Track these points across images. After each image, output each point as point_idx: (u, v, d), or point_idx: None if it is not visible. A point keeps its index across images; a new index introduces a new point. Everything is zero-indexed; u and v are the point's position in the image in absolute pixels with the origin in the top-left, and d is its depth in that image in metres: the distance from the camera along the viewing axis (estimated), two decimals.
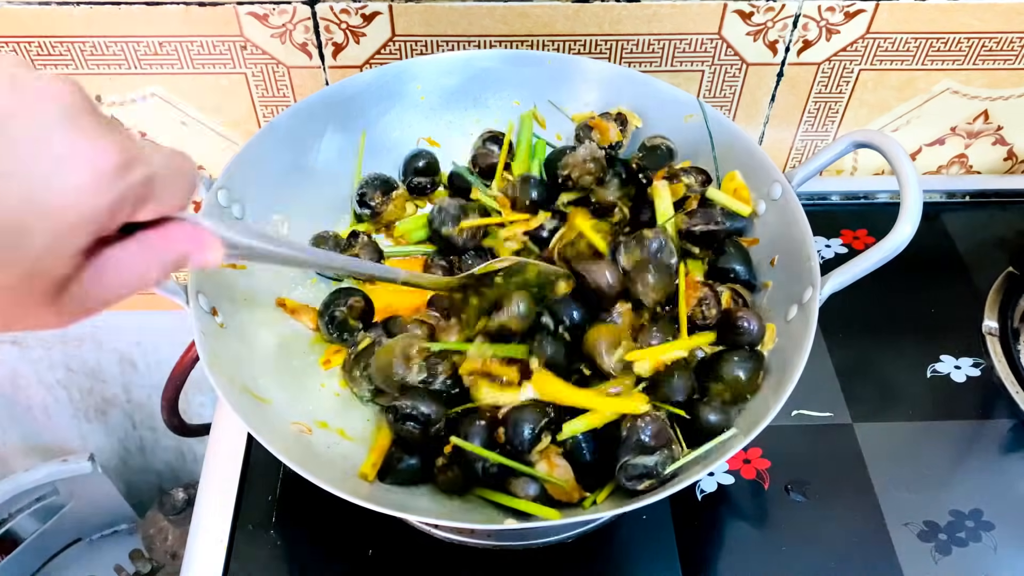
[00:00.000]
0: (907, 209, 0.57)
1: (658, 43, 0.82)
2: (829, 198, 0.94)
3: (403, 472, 0.61)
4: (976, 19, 0.81)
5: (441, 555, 0.68)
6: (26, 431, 1.32)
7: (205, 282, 0.62)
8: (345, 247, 0.73)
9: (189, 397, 1.25)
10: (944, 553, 0.68)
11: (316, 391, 0.67)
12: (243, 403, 0.58)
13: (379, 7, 0.78)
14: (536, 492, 0.59)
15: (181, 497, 1.28)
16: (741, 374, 0.61)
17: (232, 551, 0.68)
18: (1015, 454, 0.74)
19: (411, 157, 0.77)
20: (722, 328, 0.65)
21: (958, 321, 0.83)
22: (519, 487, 0.59)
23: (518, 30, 0.80)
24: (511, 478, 0.60)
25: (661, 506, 0.70)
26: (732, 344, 0.64)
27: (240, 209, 0.67)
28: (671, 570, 0.67)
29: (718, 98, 0.87)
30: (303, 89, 0.84)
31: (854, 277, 0.60)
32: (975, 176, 0.98)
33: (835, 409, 0.76)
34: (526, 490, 0.59)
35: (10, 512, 1.28)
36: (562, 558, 0.68)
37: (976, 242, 0.90)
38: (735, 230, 0.70)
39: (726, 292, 0.66)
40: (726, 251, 0.69)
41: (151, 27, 0.78)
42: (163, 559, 1.29)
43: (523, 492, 0.59)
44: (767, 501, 0.71)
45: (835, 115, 0.90)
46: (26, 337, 1.16)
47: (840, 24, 0.81)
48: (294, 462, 0.53)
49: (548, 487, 0.59)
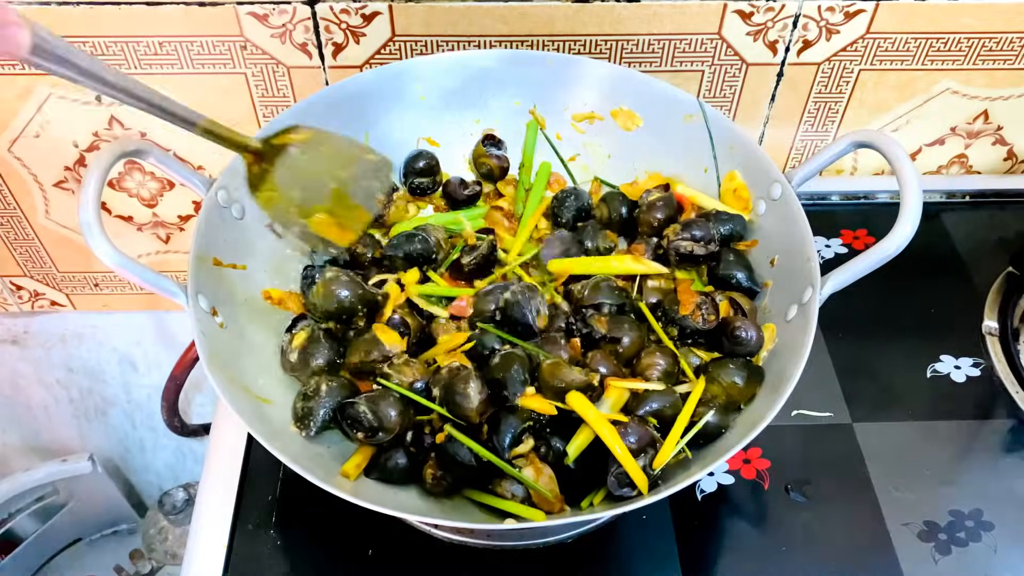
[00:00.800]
0: (907, 209, 0.57)
1: (658, 43, 0.82)
2: (829, 198, 0.94)
3: (390, 470, 0.61)
4: (976, 19, 0.81)
5: (441, 555, 0.68)
6: (26, 431, 1.32)
7: (205, 282, 0.62)
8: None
9: (189, 397, 1.25)
10: (944, 553, 0.68)
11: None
12: (243, 403, 0.58)
13: (379, 7, 0.78)
14: (523, 494, 0.59)
15: (181, 497, 1.28)
16: (737, 380, 0.62)
17: (232, 551, 0.68)
18: (1015, 454, 0.74)
19: (411, 158, 0.77)
20: (720, 336, 0.65)
21: (958, 321, 0.83)
22: (505, 488, 0.59)
23: (518, 30, 0.80)
24: (498, 480, 0.60)
25: (661, 506, 0.70)
26: (730, 353, 0.64)
27: (240, 209, 0.67)
28: (671, 570, 0.67)
29: (718, 98, 0.87)
30: (303, 89, 0.84)
31: (854, 277, 0.60)
32: (975, 176, 0.98)
33: (835, 409, 0.76)
34: (512, 491, 0.59)
35: (10, 512, 1.28)
36: (562, 558, 0.68)
37: (976, 242, 0.90)
38: (732, 235, 0.70)
39: (723, 301, 0.66)
40: (724, 259, 0.69)
41: (151, 27, 0.78)
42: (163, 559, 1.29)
43: (509, 493, 0.59)
44: (767, 501, 0.71)
45: (835, 115, 0.90)
46: (26, 337, 1.16)
47: (840, 24, 0.81)
48: (294, 462, 0.53)
49: (532, 494, 0.59)
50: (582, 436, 0.60)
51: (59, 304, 1.09)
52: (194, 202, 0.95)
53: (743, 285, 0.68)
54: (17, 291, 1.06)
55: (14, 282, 1.05)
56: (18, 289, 1.06)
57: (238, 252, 0.67)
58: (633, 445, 0.57)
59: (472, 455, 0.59)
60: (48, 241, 0.99)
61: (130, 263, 0.57)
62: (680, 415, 0.60)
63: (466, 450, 0.59)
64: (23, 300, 1.08)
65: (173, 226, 0.98)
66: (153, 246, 1.01)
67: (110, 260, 0.56)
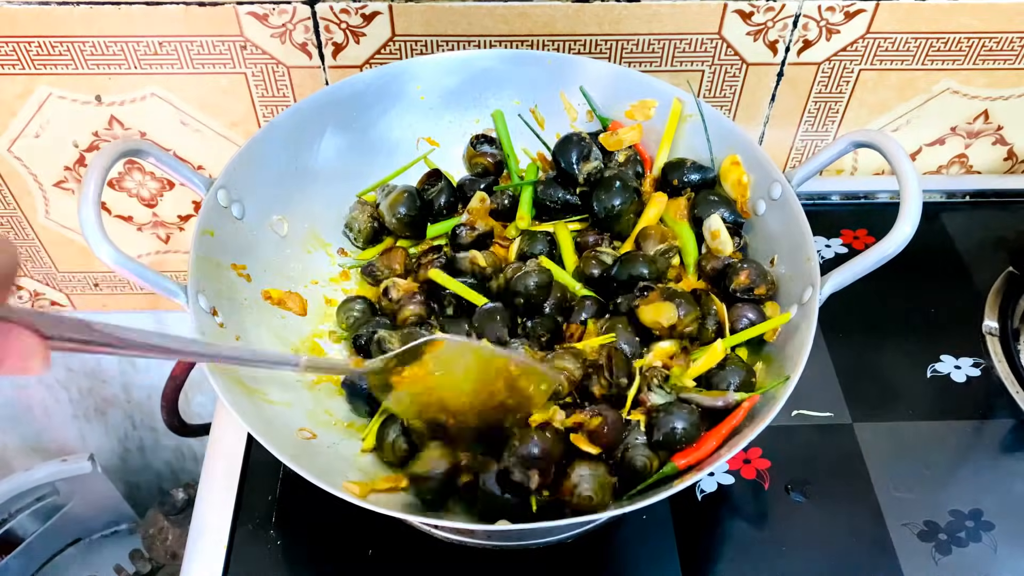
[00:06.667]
0: (907, 209, 0.57)
1: (658, 43, 0.82)
2: (829, 198, 0.94)
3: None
4: (976, 19, 0.81)
5: (441, 555, 0.68)
6: (26, 431, 1.32)
7: (205, 282, 0.62)
8: (423, 189, 0.75)
9: (189, 397, 1.25)
10: (944, 553, 0.68)
11: (315, 389, 0.67)
12: (243, 403, 0.58)
13: (379, 7, 0.78)
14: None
15: (181, 497, 1.28)
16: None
17: (232, 551, 0.68)
18: (1015, 454, 0.74)
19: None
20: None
21: (958, 321, 0.83)
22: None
23: (518, 30, 0.80)
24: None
25: (661, 506, 0.70)
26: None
27: (240, 209, 0.67)
28: (671, 570, 0.67)
29: (718, 98, 0.87)
30: (303, 89, 0.84)
31: (854, 277, 0.60)
32: (975, 176, 0.98)
33: (835, 409, 0.76)
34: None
35: (10, 512, 1.28)
36: (562, 558, 0.68)
37: (976, 242, 0.90)
38: (704, 182, 0.72)
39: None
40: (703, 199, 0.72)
41: (151, 27, 0.78)
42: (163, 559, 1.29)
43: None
44: (767, 501, 0.71)
45: (835, 115, 0.90)
46: None
47: (840, 24, 0.81)
48: (294, 462, 0.53)
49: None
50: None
51: (59, 304, 1.09)
52: (194, 202, 0.95)
53: (727, 220, 0.69)
54: (17, 291, 1.06)
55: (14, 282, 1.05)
56: (18, 289, 1.06)
57: (238, 252, 0.67)
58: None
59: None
60: (48, 241, 0.99)
61: (130, 263, 0.57)
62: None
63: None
64: (23, 300, 1.08)
65: (173, 226, 0.98)
66: (153, 246, 1.01)
67: (110, 260, 0.56)
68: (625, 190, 0.71)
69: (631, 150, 0.75)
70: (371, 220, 0.75)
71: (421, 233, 0.75)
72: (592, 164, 0.73)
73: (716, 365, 0.62)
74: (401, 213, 0.73)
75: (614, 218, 0.71)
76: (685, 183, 0.72)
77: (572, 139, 0.73)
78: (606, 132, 0.75)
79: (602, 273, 0.69)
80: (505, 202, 0.75)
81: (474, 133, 0.79)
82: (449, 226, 0.74)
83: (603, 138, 0.75)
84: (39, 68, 0.81)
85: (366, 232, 0.75)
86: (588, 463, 0.58)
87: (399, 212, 0.73)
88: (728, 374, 0.61)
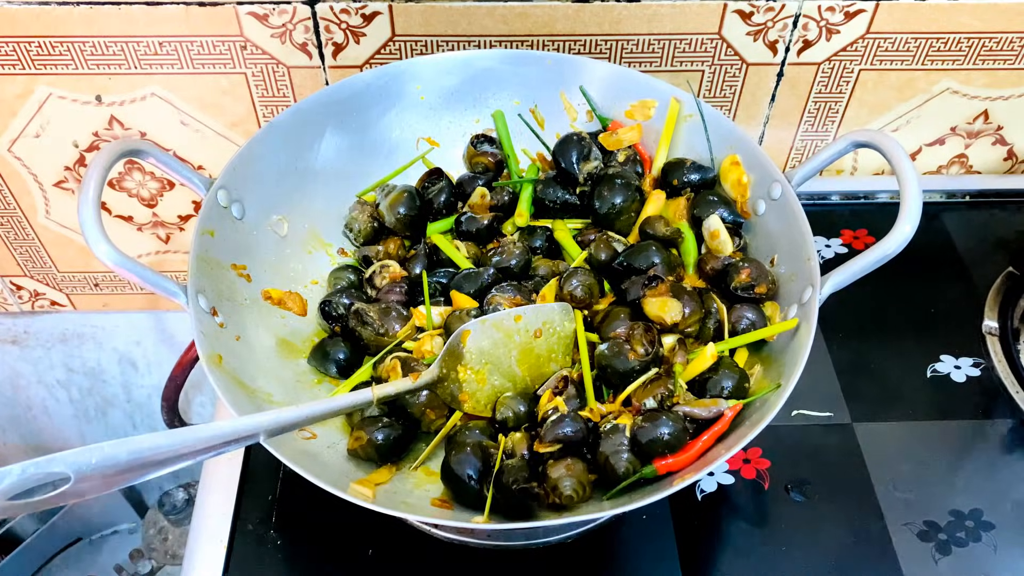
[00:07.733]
0: (907, 209, 0.57)
1: (658, 43, 0.82)
2: (829, 198, 0.94)
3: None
4: (976, 19, 0.81)
5: (441, 555, 0.68)
6: (26, 431, 1.32)
7: (205, 282, 0.62)
8: (424, 188, 0.76)
9: (189, 397, 1.25)
10: (944, 553, 0.68)
11: (315, 389, 0.67)
12: (243, 403, 0.58)
13: (379, 7, 0.78)
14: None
15: (181, 497, 1.28)
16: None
17: (232, 551, 0.68)
18: (1015, 454, 0.74)
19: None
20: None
21: (958, 321, 0.83)
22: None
23: (518, 30, 0.80)
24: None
25: (661, 506, 0.70)
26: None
27: (240, 209, 0.68)
28: (671, 570, 0.67)
29: (718, 98, 0.87)
30: (303, 89, 0.84)
31: (854, 277, 0.60)
32: (975, 176, 0.98)
33: (835, 409, 0.76)
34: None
35: None
36: (562, 558, 0.68)
37: (976, 242, 0.90)
38: (705, 181, 0.72)
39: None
40: (703, 199, 0.72)
41: (151, 27, 0.78)
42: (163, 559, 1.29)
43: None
44: (767, 501, 0.71)
45: (835, 115, 0.90)
46: (26, 337, 1.16)
47: (840, 24, 0.81)
48: (294, 462, 0.53)
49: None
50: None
51: (59, 304, 1.09)
52: (194, 202, 0.95)
53: (726, 220, 0.69)
54: (17, 291, 1.06)
55: (14, 282, 1.05)
56: (18, 289, 1.06)
57: (238, 252, 0.67)
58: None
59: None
60: (48, 241, 0.99)
61: (130, 263, 0.57)
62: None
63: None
64: (23, 300, 1.08)
65: (173, 226, 0.98)
66: (153, 246, 1.01)
67: (110, 260, 0.56)
68: (627, 188, 0.71)
69: (631, 150, 0.75)
70: (371, 220, 0.75)
71: (421, 232, 0.75)
72: (592, 164, 0.73)
73: (709, 368, 0.62)
74: (401, 212, 0.73)
75: (615, 216, 0.71)
76: (685, 183, 0.72)
77: (572, 139, 0.73)
78: (606, 132, 0.75)
79: (611, 258, 0.69)
80: (505, 199, 0.75)
81: (474, 133, 0.79)
82: (448, 224, 0.75)
83: (603, 138, 0.75)
84: (39, 68, 0.81)
85: (366, 232, 0.75)
86: (567, 463, 0.59)
87: (399, 211, 0.73)
88: (721, 378, 0.62)
